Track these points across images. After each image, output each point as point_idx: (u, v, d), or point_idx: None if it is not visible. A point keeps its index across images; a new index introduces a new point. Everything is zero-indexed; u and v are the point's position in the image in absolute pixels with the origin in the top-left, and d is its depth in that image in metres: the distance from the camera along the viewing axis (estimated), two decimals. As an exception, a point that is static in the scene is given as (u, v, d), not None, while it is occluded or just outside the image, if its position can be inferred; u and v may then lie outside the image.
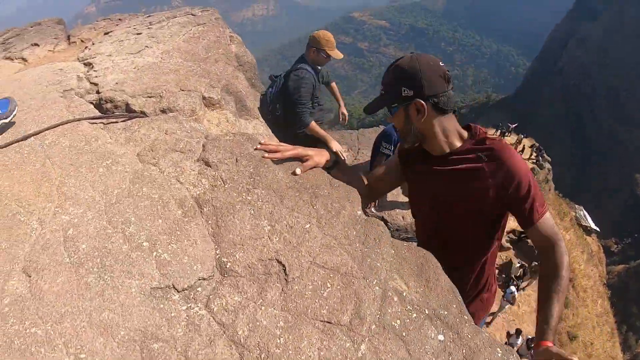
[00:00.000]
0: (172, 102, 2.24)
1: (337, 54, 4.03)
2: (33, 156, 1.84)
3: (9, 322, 1.14)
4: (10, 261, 1.32)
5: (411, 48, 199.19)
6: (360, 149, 6.10)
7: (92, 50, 3.68)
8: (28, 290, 1.22)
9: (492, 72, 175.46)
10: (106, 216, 1.39)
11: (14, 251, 1.35)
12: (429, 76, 1.58)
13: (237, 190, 1.50)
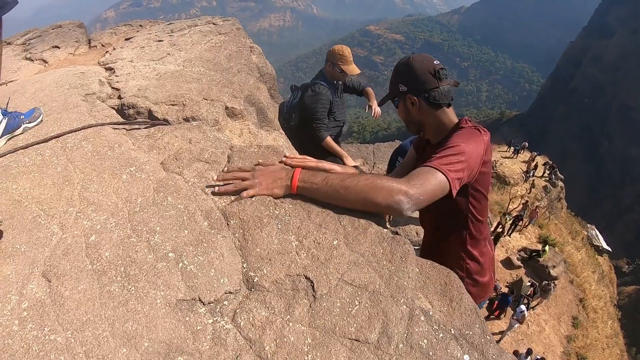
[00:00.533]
0: (196, 111, 2.26)
1: (351, 70, 4.02)
2: (55, 159, 1.87)
3: (27, 327, 1.14)
4: (30, 265, 1.32)
5: None
6: (376, 163, 6.14)
7: (113, 55, 3.74)
8: (48, 296, 1.22)
9: (506, 88, 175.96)
10: (130, 224, 1.39)
11: (34, 255, 1.36)
12: (420, 74, 1.77)
13: (265, 203, 1.50)
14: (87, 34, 5.35)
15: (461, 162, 1.55)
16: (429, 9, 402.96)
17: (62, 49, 4.60)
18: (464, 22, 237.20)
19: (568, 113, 78.10)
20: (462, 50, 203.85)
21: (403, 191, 1.39)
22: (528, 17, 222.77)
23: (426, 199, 1.44)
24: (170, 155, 1.79)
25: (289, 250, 1.33)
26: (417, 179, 1.45)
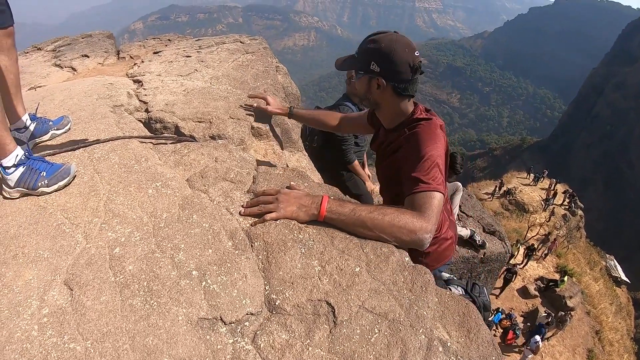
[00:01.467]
0: (222, 129, 2.34)
1: None
2: (81, 168, 1.95)
3: (46, 333, 1.19)
4: (52, 272, 1.38)
5: (448, 86, 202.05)
6: None
7: (141, 68, 3.87)
8: (69, 304, 1.27)
9: (527, 114, 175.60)
10: (155, 239, 1.45)
11: (56, 262, 1.42)
12: (399, 62, 1.78)
13: (289, 227, 1.55)
14: (116, 45, 5.55)
15: (440, 171, 1.69)
16: (452, 33, 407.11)
17: (91, 58, 4.78)
18: (487, 47, 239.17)
19: (589, 140, 77.45)
20: (485, 75, 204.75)
21: (424, 229, 1.53)
22: (551, 42, 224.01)
23: (438, 220, 1.59)
24: (196, 172, 1.86)
25: (312, 275, 1.37)
26: (428, 210, 1.57)
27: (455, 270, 5.27)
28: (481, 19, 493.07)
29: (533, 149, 73.18)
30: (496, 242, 5.80)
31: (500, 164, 63.62)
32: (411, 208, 1.61)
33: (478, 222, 6.08)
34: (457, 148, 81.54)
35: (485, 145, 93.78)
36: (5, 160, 1.77)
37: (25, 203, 1.77)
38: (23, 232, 1.57)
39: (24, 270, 1.39)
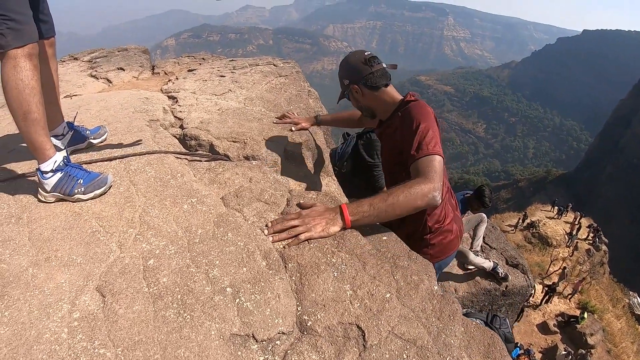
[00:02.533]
0: (256, 150, 2.44)
1: None
2: (117, 179, 2.05)
3: (76, 337, 1.25)
4: (85, 277, 1.45)
5: (474, 115, 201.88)
6: None
7: (176, 85, 4.03)
8: (101, 310, 1.33)
9: (553, 145, 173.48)
10: (189, 254, 1.52)
11: (89, 268, 1.49)
12: (354, 66, 2.20)
13: (322, 250, 1.61)
14: (151, 60, 5.77)
15: (436, 137, 1.93)
16: (479, 63, 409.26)
17: (126, 71, 4.98)
18: (514, 77, 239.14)
19: (615, 173, 75.76)
20: (511, 105, 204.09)
21: (432, 188, 1.74)
22: (578, 73, 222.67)
23: (442, 179, 1.81)
24: (231, 191, 1.94)
25: (343, 299, 1.41)
26: (430, 171, 1.80)
27: (476, 302, 5.25)
28: (509, 48, 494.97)
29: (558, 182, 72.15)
30: (519, 275, 5.77)
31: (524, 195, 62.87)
32: (416, 174, 1.83)
33: (501, 254, 6.07)
34: (481, 179, 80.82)
35: (510, 176, 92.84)
36: (43, 165, 1.88)
37: (60, 208, 1.86)
38: (57, 236, 1.66)
39: (56, 273, 1.47)
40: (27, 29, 1.75)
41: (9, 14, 1.67)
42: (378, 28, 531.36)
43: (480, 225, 5.31)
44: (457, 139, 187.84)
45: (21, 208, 1.88)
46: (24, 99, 1.77)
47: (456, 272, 5.27)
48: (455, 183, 76.74)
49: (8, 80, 1.74)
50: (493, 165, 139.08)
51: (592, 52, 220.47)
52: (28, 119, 1.80)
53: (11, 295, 1.38)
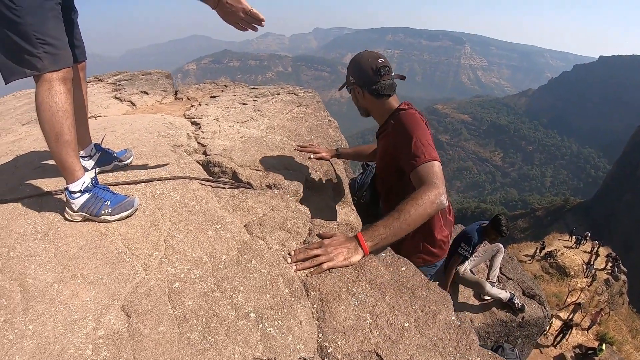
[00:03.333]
0: (278, 179, 2.54)
1: None
2: (143, 202, 2.15)
3: (101, 354, 1.31)
4: (110, 296, 1.53)
5: (491, 144, 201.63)
6: None
7: (199, 111, 4.17)
8: (126, 329, 1.40)
9: (571, 173, 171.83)
10: (214, 279, 1.59)
11: (115, 288, 1.57)
12: (365, 70, 2.37)
13: (344, 280, 1.69)
14: (174, 85, 5.97)
15: (430, 144, 2.10)
16: (496, 91, 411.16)
17: (150, 95, 5.16)
18: (530, 105, 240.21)
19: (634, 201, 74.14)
20: (528, 134, 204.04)
21: (438, 194, 1.88)
22: (595, 99, 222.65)
23: (444, 182, 1.96)
24: (254, 219, 2.03)
25: (363, 327, 1.48)
26: (433, 177, 1.94)
27: (492, 333, 5.21)
28: (525, 76, 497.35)
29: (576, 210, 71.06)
30: (535, 306, 5.72)
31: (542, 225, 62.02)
32: (418, 182, 1.97)
33: (518, 285, 6.04)
34: (498, 208, 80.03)
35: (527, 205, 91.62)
36: (72, 185, 1.98)
37: (87, 227, 1.96)
38: (83, 254, 1.75)
39: (82, 291, 1.55)
40: (63, 54, 1.87)
41: (46, 39, 1.78)
42: (396, 57, 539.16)
43: (497, 256, 5.31)
44: (474, 167, 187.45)
45: (47, 225, 1.98)
46: (57, 121, 1.87)
47: (472, 302, 5.26)
48: (472, 212, 76.27)
49: (42, 102, 1.85)
50: (510, 194, 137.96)
51: (608, 78, 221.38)
52: (60, 140, 1.91)
53: (36, 310, 1.45)
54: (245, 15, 1.88)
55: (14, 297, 1.52)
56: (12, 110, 5.37)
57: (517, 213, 75.52)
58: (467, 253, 4.66)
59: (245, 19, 1.89)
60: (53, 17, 1.82)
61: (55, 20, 1.84)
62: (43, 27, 1.77)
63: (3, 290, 1.55)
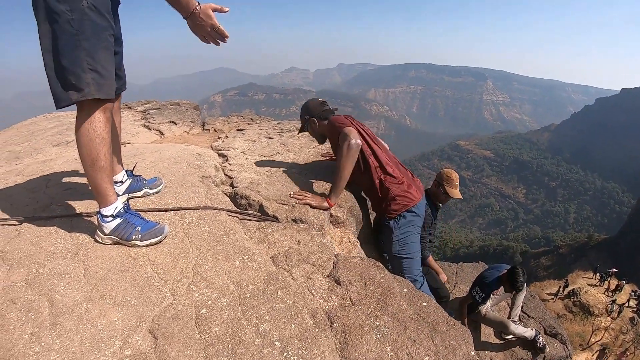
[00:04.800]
0: (304, 214, 2.65)
1: (455, 194, 4.48)
2: (172, 230, 2.27)
3: (128, 374, 1.40)
4: (138, 318, 1.63)
5: (513, 180, 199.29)
6: (457, 283, 6.31)
7: (225, 143, 4.34)
8: (152, 351, 1.49)
9: (595, 209, 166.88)
10: (240, 307, 1.69)
11: (142, 310, 1.67)
12: (314, 107, 3.51)
13: (366, 313, 1.77)
14: (201, 117, 6.19)
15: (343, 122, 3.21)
16: (519, 126, 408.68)
17: (178, 125, 5.38)
18: (553, 140, 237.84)
19: None
20: (551, 169, 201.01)
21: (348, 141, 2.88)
22: (618, 133, 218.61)
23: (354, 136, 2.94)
24: (280, 252, 2.14)
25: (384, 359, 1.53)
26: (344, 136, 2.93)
27: None
28: (548, 111, 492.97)
29: (600, 247, 68.82)
30: (557, 345, 5.59)
31: (565, 262, 60.17)
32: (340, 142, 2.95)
33: (540, 324, 5.93)
34: (521, 245, 78.34)
35: (551, 242, 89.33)
36: (105, 210, 2.11)
37: (116, 250, 2.09)
38: (112, 276, 1.87)
39: (110, 311, 1.65)
40: (108, 84, 2.02)
41: (96, 66, 1.94)
42: (419, 93, 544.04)
43: (519, 295, 5.27)
44: (496, 204, 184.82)
45: (77, 245, 2.11)
46: (94, 148, 2.01)
47: (493, 341, 5.20)
48: (493, 250, 74.87)
49: (81, 128, 1.99)
50: (533, 231, 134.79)
51: (631, 110, 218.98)
52: (95, 166, 2.04)
53: (63, 326, 1.56)
54: (212, 31, 2.06)
55: (42, 311, 1.63)
56: (43, 131, 5.63)
57: (539, 250, 73.81)
58: (478, 297, 4.68)
59: (212, 34, 2.07)
60: (105, 48, 1.98)
61: (107, 51, 2.00)
62: (95, 55, 1.93)
63: (31, 305, 1.66)
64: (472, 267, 7.54)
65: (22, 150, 4.79)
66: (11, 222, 2.38)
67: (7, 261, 1.98)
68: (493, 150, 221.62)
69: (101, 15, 1.94)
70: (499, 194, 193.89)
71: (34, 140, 5.15)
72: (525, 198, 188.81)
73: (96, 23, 1.91)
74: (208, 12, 2.02)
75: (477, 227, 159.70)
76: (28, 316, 1.60)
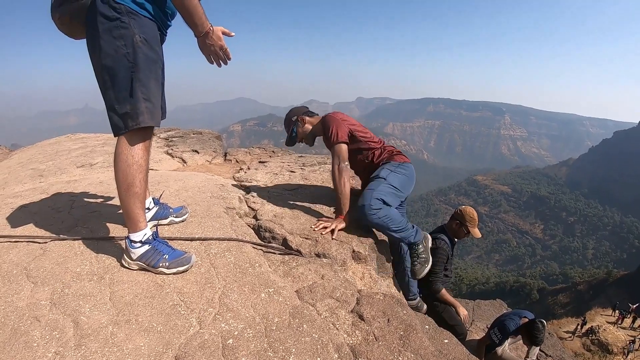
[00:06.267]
0: (327, 249, 2.72)
1: (476, 233, 4.56)
2: (199, 259, 2.36)
3: (154, 400, 1.46)
4: (164, 345, 1.69)
5: (531, 216, 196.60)
6: (474, 320, 6.25)
7: (248, 175, 4.46)
8: (179, 379, 1.54)
9: (614, 245, 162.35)
10: (267, 339, 1.75)
11: (169, 337, 1.73)
12: (297, 109, 3.75)
13: (390, 349, 1.82)
14: (223, 147, 6.35)
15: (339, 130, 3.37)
16: (536, 161, 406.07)
17: (200, 154, 5.52)
18: (571, 175, 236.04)
19: None
20: (569, 205, 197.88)
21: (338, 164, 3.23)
22: (637, 166, 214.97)
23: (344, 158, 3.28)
24: (304, 286, 2.21)
25: (407, 394, 1.58)
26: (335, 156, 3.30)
27: None
28: (565, 145, 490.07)
29: (619, 283, 66.63)
30: None
31: (583, 299, 58.43)
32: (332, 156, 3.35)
33: None
34: (538, 282, 76.72)
35: (569, 279, 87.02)
36: (134, 235, 2.20)
37: (143, 277, 2.17)
38: (138, 302, 1.94)
39: (136, 336, 1.72)
40: (157, 113, 2.18)
41: (150, 96, 2.10)
42: (436, 127, 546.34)
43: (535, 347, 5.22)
44: (513, 240, 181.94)
45: (103, 268, 2.20)
46: (130, 173, 2.12)
47: None
48: (510, 287, 73.52)
49: (120, 153, 2.12)
50: (551, 267, 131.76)
51: None
52: (130, 191, 2.15)
53: (88, 347, 1.62)
54: (220, 51, 2.22)
55: (67, 332, 1.70)
56: (68, 152, 5.82)
57: (557, 287, 72.17)
58: (496, 339, 4.67)
59: (219, 54, 2.23)
60: (155, 79, 2.15)
61: (157, 82, 2.18)
62: (148, 85, 2.10)
63: (56, 324, 1.74)
64: (489, 305, 7.51)
65: (47, 169, 4.97)
66: (36, 240, 2.48)
67: (31, 278, 2.08)
68: (510, 186, 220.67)
69: (152, 49, 2.11)
70: (516, 230, 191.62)
71: (59, 160, 5.33)
72: (542, 234, 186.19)
73: (148, 56, 2.09)
74: (219, 34, 2.19)
75: (493, 264, 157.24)
76: (52, 335, 1.67)
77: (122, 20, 2.01)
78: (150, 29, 2.12)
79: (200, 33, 2.15)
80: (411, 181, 3.59)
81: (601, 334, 24.32)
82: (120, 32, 2.00)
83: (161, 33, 2.26)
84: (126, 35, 2.01)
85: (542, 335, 4.58)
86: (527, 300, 65.91)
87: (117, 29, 2.00)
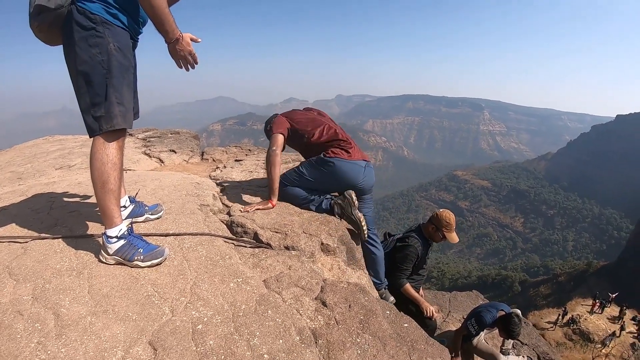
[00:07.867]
0: (296, 242, 2.86)
1: (453, 238, 4.58)
2: (172, 253, 2.47)
3: (128, 384, 1.58)
4: (139, 332, 1.81)
5: (511, 210, 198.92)
6: (450, 311, 6.39)
7: (223, 173, 4.57)
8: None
9: (593, 236, 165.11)
10: (233, 324, 1.88)
11: (143, 325, 1.86)
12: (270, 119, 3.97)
13: (349, 331, 1.96)
14: (200, 146, 6.44)
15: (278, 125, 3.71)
16: (516, 156, 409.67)
17: (177, 154, 5.61)
18: (550, 168, 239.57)
19: None
20: (549, 198, 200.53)
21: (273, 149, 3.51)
22: (615, 159, 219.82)
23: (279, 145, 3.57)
24: (272, 276, 2.35)
25: (365, 373, 1.73)
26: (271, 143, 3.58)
27: None
28: (544, 140, 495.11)
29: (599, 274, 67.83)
30: None
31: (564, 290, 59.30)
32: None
33: (533, 350, 5.99)
34: (519, 275, 77.76)
35: (550, 271, 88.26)
36: (110, 231, 2.32)
37: (119, 270, 2.28)
38: (115, 293, 2.06)
39: (113, 325, 1.84)
40: (129, 116, 2.32)
41: (123, 100, 2.24)
42: (416, 124, 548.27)
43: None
44: (494, 234, 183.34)
45: (82, 264, 2.31)
46: (105, 171, 2.25)
47: None
48: (492, 280, 74.31)
49: (96, 152, 2.25)
50: (532, 260, 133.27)
51: (627, 136, 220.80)
52: (105, 188, 2.27)
53: (69, 336, 1.74)
54: (189, 56, 2.34)
55: (48, 323, 1.81)
56: (45, 154, 5.86)
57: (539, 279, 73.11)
58: (473, 330, 4.76)
59: (188, 59, 2.35)
60: (127, 85, 2.30)
61: (129, 87, 2.32)
62: (121, 90, 2.23)
63: (38, 317, 1.85)
64: (465, 296, 7.71)
65: (25, 171, 5.01)
66: (17, 240, 2.58)
67: (13, 276, 2.17)
68: (490, 180, 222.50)
69: (125, 56, 2.25)
70: (496, 224, 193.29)
71: (37, 163, 5.37)
72: (523, 227, 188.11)
73: (121, 63, 2.22)
74: (188, 40, 2.32)
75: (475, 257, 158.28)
76: (34, 327, 1.77)
77: (97, 30, 2.14)
78: (123, 37, 2.25)
79: (170, 40, 2.27)
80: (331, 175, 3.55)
81: (582, 323, 24.80)
82: (95, 40, 2.14)
83: (133, 41, 2.38)
84: (101, 44, 2.15)
85: (518, 329, 4.70)
86: (509, 292, 66.69)
87: (92, 37, 2.14)
